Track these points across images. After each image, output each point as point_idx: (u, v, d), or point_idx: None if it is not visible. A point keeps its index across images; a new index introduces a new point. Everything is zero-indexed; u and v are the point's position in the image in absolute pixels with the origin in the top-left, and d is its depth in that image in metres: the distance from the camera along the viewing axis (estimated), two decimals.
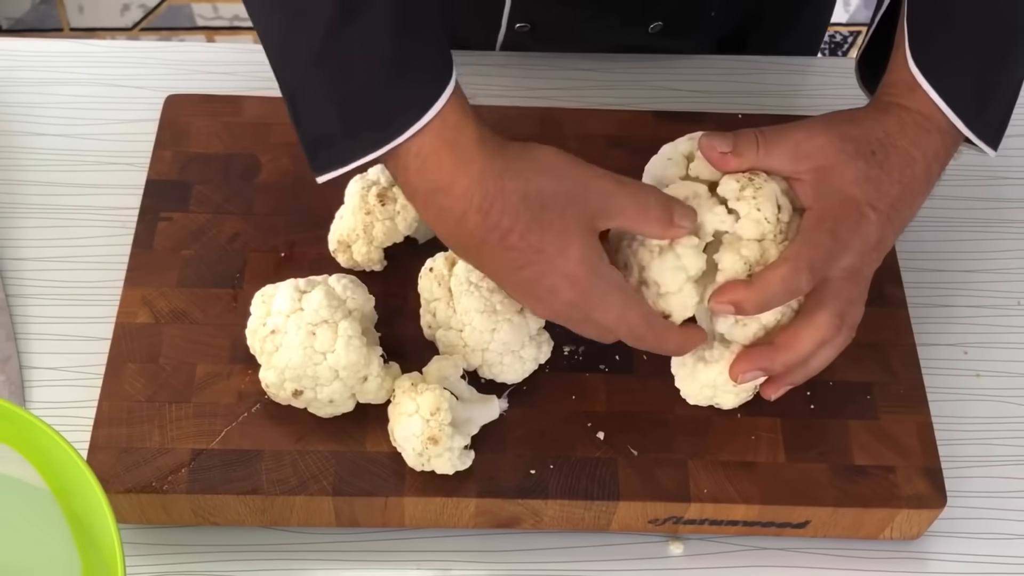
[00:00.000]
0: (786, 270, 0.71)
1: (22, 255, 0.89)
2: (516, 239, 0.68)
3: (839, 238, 0.72)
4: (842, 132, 0.73)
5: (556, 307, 0.71)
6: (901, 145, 0.74)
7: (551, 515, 0.76)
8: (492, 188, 0.67)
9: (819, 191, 0.73)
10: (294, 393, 0.75)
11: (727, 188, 0.73)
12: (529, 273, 0.69)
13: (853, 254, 0.73)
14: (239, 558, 0.77)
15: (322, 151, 0.69)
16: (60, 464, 0.66)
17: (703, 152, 0.74)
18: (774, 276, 0.71)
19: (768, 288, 0.71)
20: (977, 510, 0.81)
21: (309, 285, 0.77)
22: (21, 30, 2.19)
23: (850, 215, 0.72)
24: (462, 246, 0.70)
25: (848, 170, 0.72)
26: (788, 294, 0.72)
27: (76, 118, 0.96)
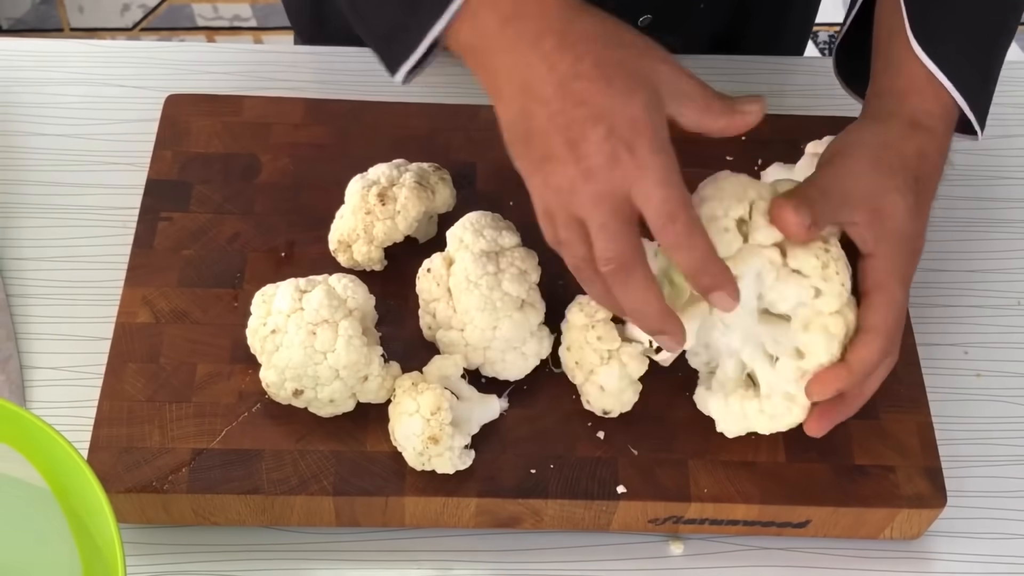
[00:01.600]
0: (881, 343, 0.72)
1: (22, 255, 0.89)
2: (588, 66, 0.65)
3: (903, 279, 0.73)
4: (883, 164, 0.73)
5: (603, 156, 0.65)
6: (933, 158, 0.75)
7: (551, 515, 0.76)
8: (571, 13, 0.66)
9: (877, 234, 0.73)
10: (294, 393, 0.75)
11: (806, 264, 0.72)
12: (589, 109, 0.65)
13: (909, 283, 0.74)
14: (239, 558, 0.77)
15: (395, 43, 0.69)
16: (60, 464, 0.66)
17: (781, 228, 0.71)
18: (872, 353, 0.72)
19: (868, 366, 0.72)
20: (977, 510, 0.81)
21: (309, 285, 0.77)
22: (21, 30, 2.19)
23: (912, 257, 0.74)
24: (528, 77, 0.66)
25: (900, 208, 0.73)
26: (884, 364, 0.74)
27: (76, 118, 0.96)
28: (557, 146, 0.66)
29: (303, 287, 0.76)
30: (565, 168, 0.66)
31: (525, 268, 0.79)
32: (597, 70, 0.65)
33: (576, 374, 0.77)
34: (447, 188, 0.85)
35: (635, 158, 0.65)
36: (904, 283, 0.74)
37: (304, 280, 0.77)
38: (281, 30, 2.22)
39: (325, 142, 0.91)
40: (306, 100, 0.93)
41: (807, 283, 0.72)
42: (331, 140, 0.91)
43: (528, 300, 0.78)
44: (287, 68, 1.00)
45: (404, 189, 0.82)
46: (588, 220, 0.67)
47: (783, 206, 0.70)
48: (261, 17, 2.24)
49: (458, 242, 0.79)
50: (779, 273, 0.72)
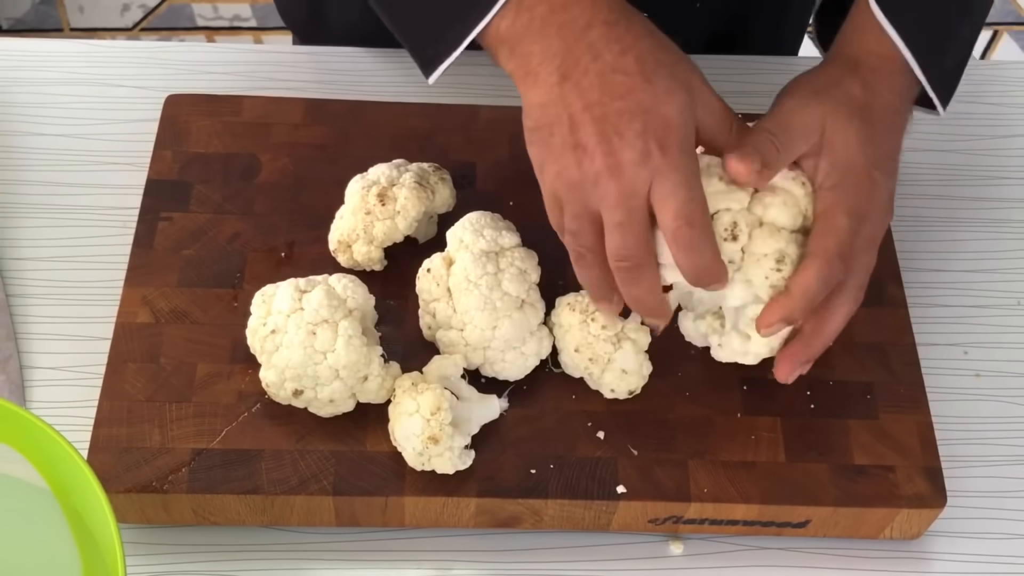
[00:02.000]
0: (820, 266, 0.70)
1: (22, 255, 0.89)
2: (631, 61, 0.66)
3: (856, 213, 0.71)
4: (828, 95, 0.73)
5: (626, 158, 0.66)
6: (880, 93, 0.74)
7: (551, 515, 0.76)
8: (619, 8, 0.68)
9: (828, 164, 0.72)
10: (294, 393, 0.75)
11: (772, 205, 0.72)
12: (627, 103, 0.66)
13: (870, 224, 0.72)
14: (239, 558, 0.77)
15: (430, 46, 0.71)
16: (60, 464, 0.66)
17: (736, 178, 0.71)
18: (810, 276, 0.70)
19: (808, 290, 0.70)
20: (977, 510, 0.81)
21: (309, 285, 0.77)
22: (21, 30, 2.19)
23: (862, 186, 0.72)
24: (569, 64, 0.67)
25: (851, 134, 0.72)
26: (828, 287, 0.71)
27: (76, 118, 0.96)
28: (587, 136, 0.67)
29: (303, 287, 0.76)
30: (592, 160, 0.67)
31: (525, 268, 0.79)
32: (639, 66, 0.66)
33: (592, 369, 0.78)
34: (447, 188, 0.85)
35: (665, 158, 0.66)
36: (851, 213, 0.71)
37: (304, 280, 0.77)
38: (281, 30, 2.22)
39: (325, 142, 0.91)
40: (306, 100, 0.93)
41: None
42: (331, 140, 0.91)
43: (528, 300, 0.78)
44: (287, 68, 1.00)
45: (404, 189, 0.82)
46: (606, 215, 0.68)
47: (730, 158, 0.70)
48: (261, 17, 2.24)
49: (458, 242, 0.79)
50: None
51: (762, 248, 0.72)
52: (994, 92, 1.04)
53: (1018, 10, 2.37)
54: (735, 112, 0.72)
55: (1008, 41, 2.33)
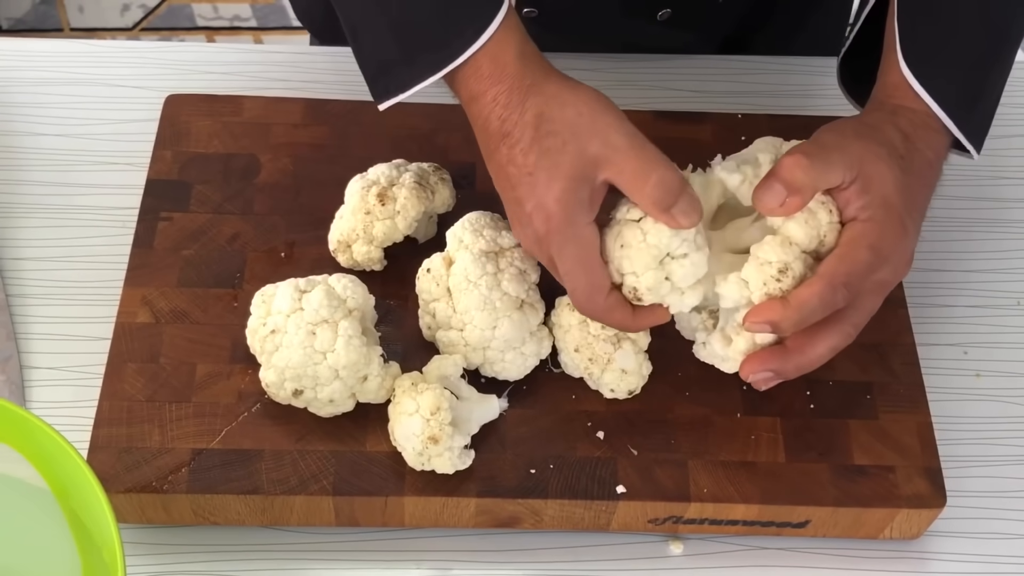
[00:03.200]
0: (824, 288, 0.70)
1: (22, 255, 0.89)
2: (518, 154, 0.70)
3: (879, 253, 0.71)
4: (869, 137, 0.73)
5: (527, 238, 0.72)
6: (919, 147, 0.74)
7: (551, 515, 0.76)
8: (515, 99, 0.71)
9: (864, 201, 0.72)
10: (294, 393, 0.75)
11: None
12: (518, 194, 0.71)
13: (890, 269, 0.72)
14: (239, 558, 0.77)
15: (382, 78, 0.75)
16: (60, 464, 0.66)
17: (763, 211, 0.72)
18: (812, 294, 0.70)
19: (805, 307, 0.70)
20: (977, 510, 0.81)
21: (309, 285, 0.77)
22: (21, 30, 2.19)
23: (894, 229, 0.72)
24: (486, 155, 0.74)
25: (888, 176, 0.72)
26: (825, 311, 0.71)
27: (76, 118, 0.96)
28: (508, 215, 0.75)
29: (303, 287, 0.76)
30: (516, 234, 0.74)
31: (524, 268, 0.79)
32: (524, 158, 0.70)
33: (592, 369, 0.78)
34: (447, 188, 0.85)
35: (552, 245, 0.70)
36: (874, 249, 0.71)
37: (304, 280, 0.77)
38: (281, 30, 2.22)
39: (325, 142, 0.91)
40: (306, 100, 0.93)
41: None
42: (331, 140, 0.91)
43: (528, 300, 0.78)
44: (287, 68, 1.00)
45: (404, 189, 0.82)
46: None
47: (761, 194, 0.71)
48: (261, 17, 2.24)
49: (458, 242, 0.79)
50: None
51: (767, 255, 0.72)
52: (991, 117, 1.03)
53: None
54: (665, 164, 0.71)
55: None
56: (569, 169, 0.69)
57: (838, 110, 0.96)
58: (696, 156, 0.90)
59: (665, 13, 0.99)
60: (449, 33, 0.71)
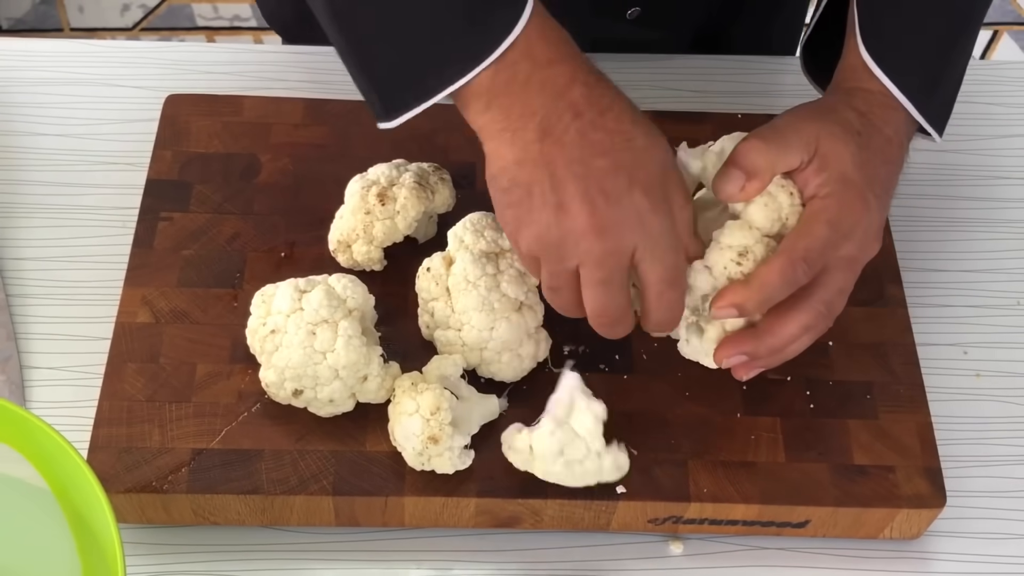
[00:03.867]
0: (783, 263, 0.70)
1: (22, 255, 0.89)
2: (612, 119, 0.67)
3: (840, 228, 0.71)
4: (825, 117, 0.73)
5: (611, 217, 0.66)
6: (876, 124, 0.74)
7: (551, 515, 0.76)
8: (596, 70, 0.69)
9: (822, 179, 0.72)
10: (294, 393, 0.75)
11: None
12: (610, 161, 0.66)
13: (854, 244, 0.72)
14: (239, 558, 0.77)
15: (399, 90, 0.70)
16: (60, 464, 0.66)
17: (723, 198, 0.73)
18: (771, 272, 0.70)
19: (767, 285, 0.70)
20: (977, 510, 0.81)
21: (309, 285, 0.77)
22: (21, 30, 2.19)
23: (854, 204, 0.72)
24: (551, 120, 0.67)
25: (845, 153, 0.72)
26: (788, 288, 0.71)
27: (76, 118, 0.96)
28: (570, 195, 0.66)
29: (303, 287, 0.76)
30: (575, 219, 0.66)
31: (524, 270, 0.79)
32: (619, 124, 0.67)
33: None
34: (447, 188, 0.85)
35: (653, 217, 0.67)
36: (834, 225, 0.71)
37: (304, 280, 0.77)
38: None
39: (325, 142, 0.91)
40: (306, 100, 0.93)
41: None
42: (331, 140, 0.91)
43: (526, 302, 0.78)
44: (287, 68, 1.00)
45: (404, 189, 0.82)
46: (587, 272, 0.69)
47: (716, 182, 0.72)
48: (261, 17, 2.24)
49: (458, 242, 0.79)
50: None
51: (728, 240, 0.72)
52: (994, 92, 1.04)
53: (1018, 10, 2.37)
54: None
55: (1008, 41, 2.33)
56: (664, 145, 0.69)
57: None
58: None
59: (635, 12, 0.99)
60: (487, 19, 0.67)
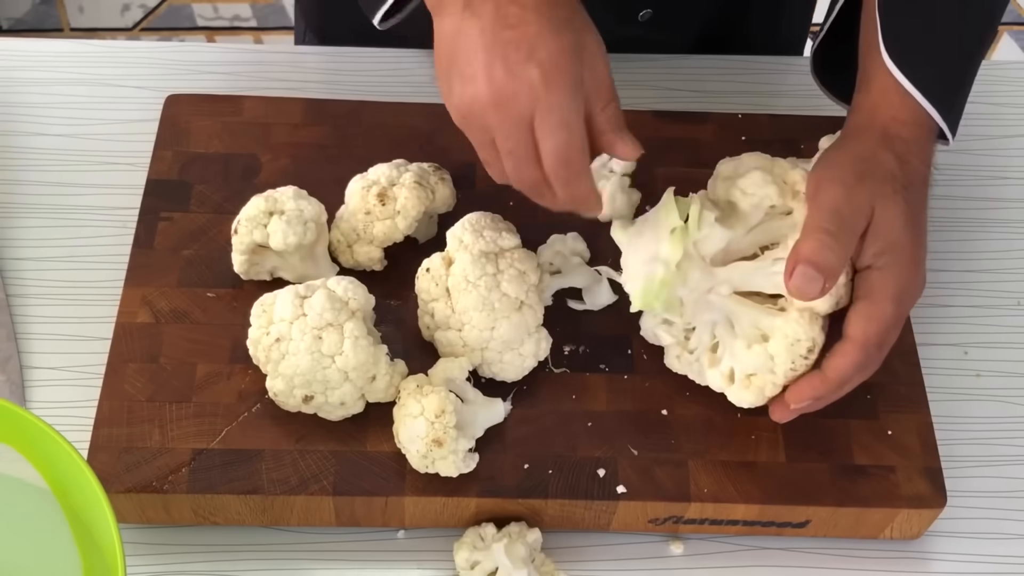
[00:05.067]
0: (856, 353, 0.71)
1: (22, 255, 0.89)
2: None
3: (901, 300, 0.72)
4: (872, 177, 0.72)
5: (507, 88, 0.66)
6: (916, 167, 0.74)
7: (551, 515, 0.76)
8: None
9: (877, 247, 0.72)
10: (304, 399, 0.75)
11: None
12: (516, 34, 0.66)
13: (909, 302, 0.73)
14: (239, 558, 0.77)
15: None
16: (60, 464, 0.66)
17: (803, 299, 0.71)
18: (847, 364, 0.71)
19: (844, 376, 0.71)
20: (977, 510, 0.81)
21: (308, 290, 0.76)
22: (21, 30, 2.19)
23: (909, 268, 0.72)
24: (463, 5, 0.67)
25: (898, 217, 0.71)
26: (863, 375, 0.72)
27: (76, 118, 0.96)
28: (476, 66, 0.67)
29: (302, 292, 0.76)
30: (478, 89, 0.67)
31: (524, 269, 0.79)
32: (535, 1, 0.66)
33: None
34: (447, 188, 0.85)
35: (547, 93, 0.65)
36: (897, 299, 0.71)
37: (303, 286, 0.77)
38: (281, 30, 2.22)
39: (325, 142, 0.91)
40: (306, 100, 0.93)
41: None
42: (331, 140, 0.91)
43: (527, 302, 0.78)
44: (287, 68, 1.00)
45: (404, 189, 0.82)
46: (499, 142, 0.68)
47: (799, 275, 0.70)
48: (261, 17, 2.24)
49: (458, 242, 0.79)
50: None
51: (796, 333, 0.72)
52: (994, 92, 1.04)
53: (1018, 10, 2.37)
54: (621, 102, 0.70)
55: (1008, 41, 2.32)
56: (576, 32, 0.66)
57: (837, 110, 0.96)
58: (696, 156, 0.90)
59: (646, 14, 0.99)
60: None
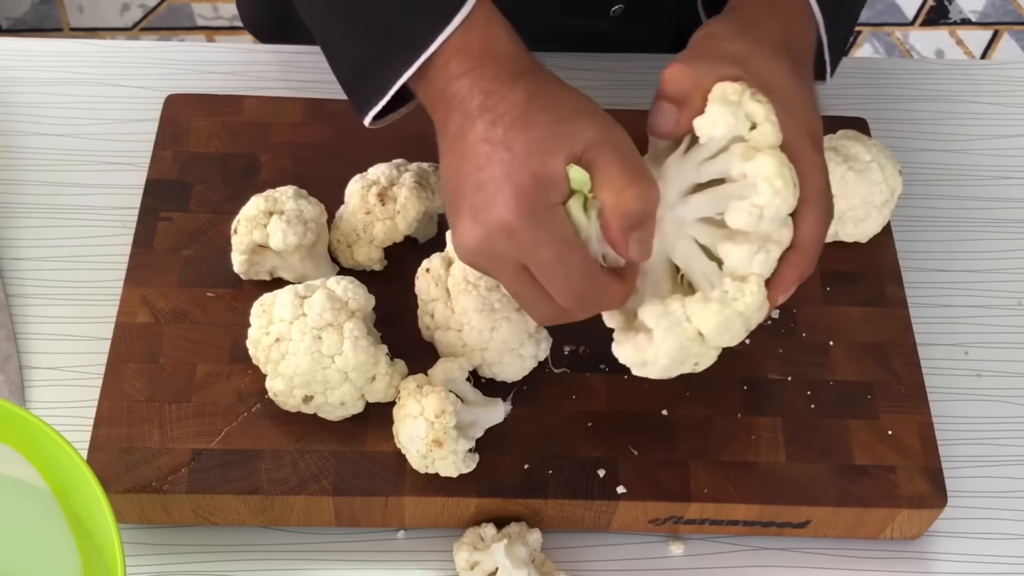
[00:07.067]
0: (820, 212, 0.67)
1: (22, 255, 0.89)
2: (500, 130, 0.63)
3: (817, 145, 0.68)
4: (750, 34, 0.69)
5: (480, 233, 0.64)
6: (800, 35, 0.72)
7: (551, 515, 0.76)
8: (506, 77, 0.65)
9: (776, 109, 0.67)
10: (304, 399, 0.75)
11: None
12: (484, 175, 0.63)
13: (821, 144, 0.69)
14: (239, 558, 0.77)
15: (360, 90, 0.70)
16: (60, 464, 0.66)
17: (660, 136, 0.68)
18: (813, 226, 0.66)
19: (816, 242, 0.67)
20: (977, 510, 0.81)
21: (308, 290, 0.76)
22: (21, 30, 2.19)
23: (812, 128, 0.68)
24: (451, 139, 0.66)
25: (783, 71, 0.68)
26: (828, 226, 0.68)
27: (76, 118, 0.96)
28: (454, 214, 0.65)
29: (302, 293, 0.76)
30: (462, 239, 0.65)
31: None
32: (505, 134, 0.63)
33: None
34: None
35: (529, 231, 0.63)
36: (815, 145, 0.67)
37: (302, 286, 0.77)
38: None
39: (325, 142, 0.91)
40: (306, 100, 0.93)
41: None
42: (331, 140, 0.91)
43: None
44: (287, 68, 1.00)
45: (404, 189, 0.82)
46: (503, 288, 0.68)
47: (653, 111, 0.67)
48: None
49: None
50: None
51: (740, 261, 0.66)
52: (994, 92, 1.04)
53: (1018, 10, 2.37)
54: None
55: (1008, 41, 2.33)
56: (552, 145, 0.62)
57: (836, 109, 0.96)
58: None
59: (618, 9, 0.99)
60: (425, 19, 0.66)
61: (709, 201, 0.66)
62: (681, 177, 0.67)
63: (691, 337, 0.66)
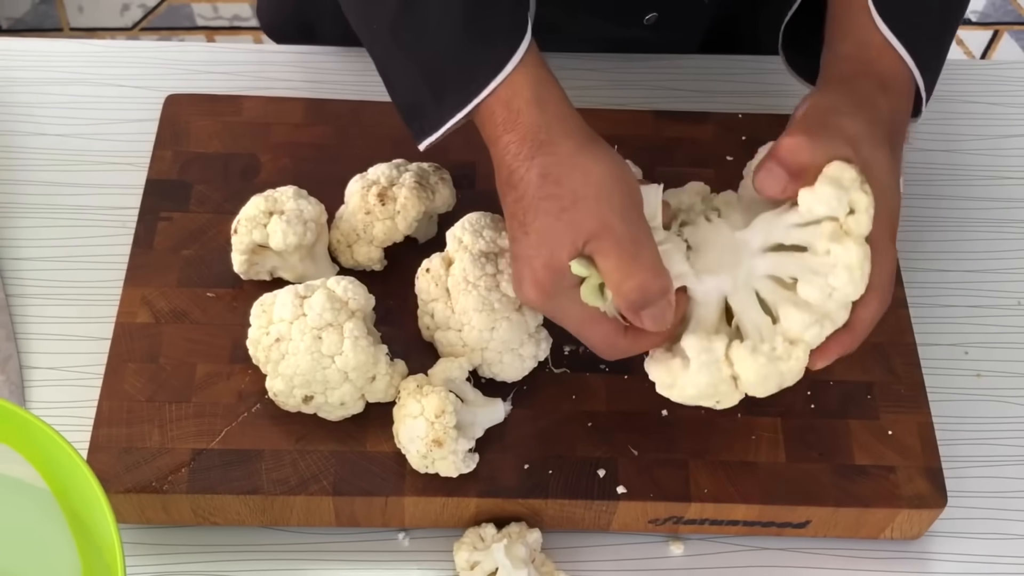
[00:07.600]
0: (878, 303, 0.70)
1: (22, 255, 0.89)
2: (520, 209, 0.70)
3: (894, 237, 0.72)
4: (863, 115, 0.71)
5: (523, 293, 0.72)
6: (902, 118, 0.74)
7: (551, 515, 0.76)
8: (525, 152, 0.69)
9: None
10: (304, 399, 0.75)
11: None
12: (515, 249, 0.71)
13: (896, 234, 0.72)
14: (239, 558, 0.77)
15: (415, 120, 0.73)
16: (60, 464, 0.66)
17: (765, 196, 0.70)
18: (871, 313, 0.70)
19: (868, 327, 0.71)
20: (977, 510, 0.81)
21: (308, 290, 0.76)
22: (21, 30, 2.19)
23: (895, 213, 0.72)
24: (500, 196, 0.72)
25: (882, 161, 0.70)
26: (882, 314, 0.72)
27: (76, 118, 0.96)
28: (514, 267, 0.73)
29: (302, 293, 0.76)
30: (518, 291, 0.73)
31: None
32: (524, 216, 0.69)
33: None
34: (447, 188, 0.85)
35: (547, 309, 0.72)
36: (893, 238, 0.71)
37: (302, 286, 0.77)
38: None
39: (325, 142, 0.91)
40: (306, 100, 0.93)
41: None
42: (331, 140, 0.91)
43: None
44: (287, 68, 1.00)
45: (404, 189, 0.82)
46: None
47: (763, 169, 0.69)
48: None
49: (457, 243, 0.79)
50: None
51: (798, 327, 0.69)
52: (994, 92, 1.04)
53: (1018, 10, 2.37)
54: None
55: (1008, 41, 2.32)
56: (558, 239, 0.68)
57: None
58: (696, 156, 0.91)
59: (652, 18, 0.99)
60: (472, 69, 0.70)
61: (787, 263, 0.70)
62: (768, 232, 0.71)
63: (724, 378, 0.70)
